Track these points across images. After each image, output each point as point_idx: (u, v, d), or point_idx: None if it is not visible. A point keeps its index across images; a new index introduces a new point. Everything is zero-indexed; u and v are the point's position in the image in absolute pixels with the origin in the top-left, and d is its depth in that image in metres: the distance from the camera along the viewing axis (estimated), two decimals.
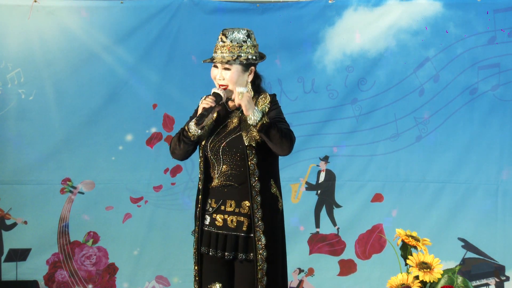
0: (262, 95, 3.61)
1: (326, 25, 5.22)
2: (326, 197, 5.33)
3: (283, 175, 5.19)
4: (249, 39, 3.53)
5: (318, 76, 5.25)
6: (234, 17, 5.11)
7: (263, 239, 3.50)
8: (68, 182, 5.23)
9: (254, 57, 3.54)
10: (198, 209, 3.58)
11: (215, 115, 3.57)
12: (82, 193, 5.25)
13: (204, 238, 3.55)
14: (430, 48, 5.23)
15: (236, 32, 3.52)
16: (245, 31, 3.53)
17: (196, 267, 3.58)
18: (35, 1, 5.07)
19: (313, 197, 5.35)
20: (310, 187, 5.34)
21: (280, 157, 3.74)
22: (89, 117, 5.20)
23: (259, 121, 3.41)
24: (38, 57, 5.14)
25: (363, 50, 5.25)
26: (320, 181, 5.34)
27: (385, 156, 5.31)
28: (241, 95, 3.41)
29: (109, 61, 5.17)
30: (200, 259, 3.56)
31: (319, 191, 5.35)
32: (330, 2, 5.21)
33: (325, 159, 5.32)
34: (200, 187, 3.58)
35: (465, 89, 5.24)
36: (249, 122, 3.43)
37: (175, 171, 5.21)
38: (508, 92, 5.23)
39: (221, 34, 3.52)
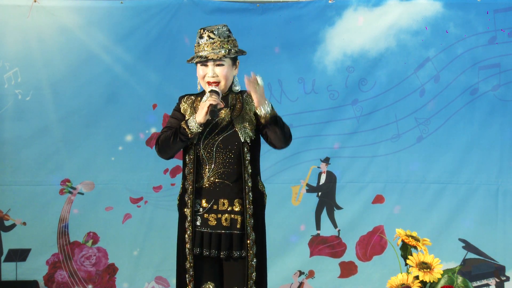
0: (246, 93, 3.64)
1: (326, 25, 5.22)
2: (327, 199, 5.32)
3: (284, 177, 5.24)
4: (231, 34, 3.57)
5: (318, 77, 5.25)
6: (234, 17, 5.10)
7: (253, 235, 3.52)
8: (67, 183, 5.23)
9: (239, 50, 3.58)
10: (188, 210, 3.56)
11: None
12: (82, 193, 5.24)
13: (196, 239, 3.54)
14: (431, 48, 5.23)
15: (220, 28, 3.54)
16: (225, 27, 3.57)
17: (190, 267, 3.56)
18: (35, 1, 5.08)
19: (313, 199, 5.34)
20: (310, 189, 5.33)
21: (280, 158, 3.79)
22: (89, 117, 5.19)
23: (270, 112, 3.45)
24: (36, 57, 5.13)
25: (364, 50, 5.24)
26: (320, 183, 5.33)
27: (386, 157, 5.30)
28: (258, 86, 3.42)
29: (108, 61, 5.17)
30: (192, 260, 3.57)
31: (319, 193, 5.33)
32: (330, 2, 5.21)
33: (326, 160, 5.31)
34: (189, 187, 3.55)
35: (466, 89, 5.24)
36: (259, 113, 3.47)
37: (175, 171, 5.20)
38: (509, 92, 5.23)
39: (207, 32, 3.53)
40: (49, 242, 5.21)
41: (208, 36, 3.53)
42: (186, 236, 3.55)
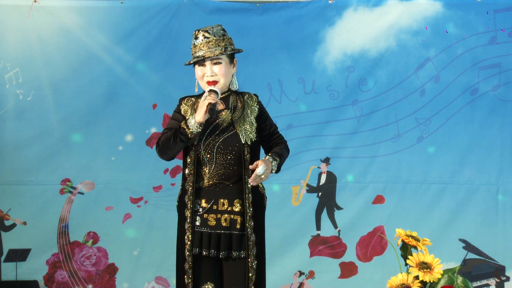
0: (247, 95, 3.65)
1: (326, 25, 5.22)
2: (327, 199, 5.32)
3: (284, 177, 5.24)
4: (226, 33, 3.57)
5: (318, 77, 5.25)
6: (234, 17, 5.11)
7: (253, 237, 3.53)
8: (67, 183, 5.23)
9: (235, 48, 3.59)
10: (188, 211, 3.57)
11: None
12: (82, 193, 5.24)
13: (195, 239, 3.55)
14: (431, 48, 5.23)
15: (214, 28, 3.55)
16: (220, 26, 3.59)
17: (189, 268, 3.56)
18: (35, 1, 5.08)
19: (314, 199, 5.33)
20: (311, 189, 5.33)
21: None
22: (89, 117, 5.19)
23: (277, 167, 3.56)
24: (37, 57, 5.13)
25: (364, 50, 5.24)
26: (321, 183, 5.33)
27: (386, 157, 5.30)
28: (260, 177, 3.49)
29: (108, 61, 5.17)
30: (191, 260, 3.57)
31: (320, 193, 5.33)
32: (330, 2, 5.21)
33: (326, 160, 5.31)
34: (189, 188, 3.56)
35: (466, 90, 5.24)
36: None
37: (175, 171, 5.20)
38: (509, 92, 5.23)
39: (201, 32, 3.54)
40: (49, 242, 5.21)
41: (203, 35, 3.54)
42: (186, 237, 3.55)
